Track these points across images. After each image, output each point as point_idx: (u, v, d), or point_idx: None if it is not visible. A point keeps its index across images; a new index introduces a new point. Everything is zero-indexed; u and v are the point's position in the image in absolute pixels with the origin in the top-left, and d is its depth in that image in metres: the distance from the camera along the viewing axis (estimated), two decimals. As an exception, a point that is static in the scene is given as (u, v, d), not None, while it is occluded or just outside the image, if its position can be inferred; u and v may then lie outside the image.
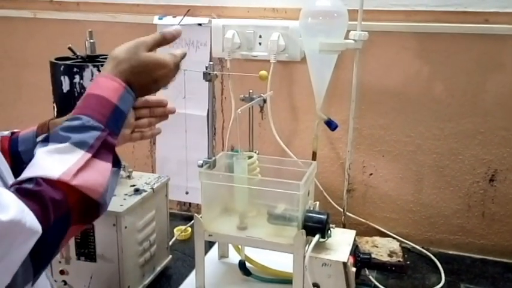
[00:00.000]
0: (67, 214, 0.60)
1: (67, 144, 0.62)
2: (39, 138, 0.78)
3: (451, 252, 1.32)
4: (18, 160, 0.78)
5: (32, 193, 0.57)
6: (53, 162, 0.60)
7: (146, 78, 0.74)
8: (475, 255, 1.31)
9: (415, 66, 1.26)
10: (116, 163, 0.68)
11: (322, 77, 1.23)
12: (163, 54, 0.77)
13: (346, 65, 1.26)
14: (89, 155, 0.62)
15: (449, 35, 1.21)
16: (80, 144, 0.62)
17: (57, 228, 0.59)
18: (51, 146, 0.62)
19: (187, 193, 1.18)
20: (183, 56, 0.80)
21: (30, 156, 0.70)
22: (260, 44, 1.34)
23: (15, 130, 0.82)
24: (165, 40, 0.77)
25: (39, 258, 0.57)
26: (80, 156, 0.62)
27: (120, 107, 0.69)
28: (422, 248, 1.32)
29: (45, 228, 0.56)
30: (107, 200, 0.65)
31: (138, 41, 0.74)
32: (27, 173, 0.60)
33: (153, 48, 0.76)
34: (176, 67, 0.78)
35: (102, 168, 0.64)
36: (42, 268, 0.59)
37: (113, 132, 0.67)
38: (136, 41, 0.74)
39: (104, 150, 0.65)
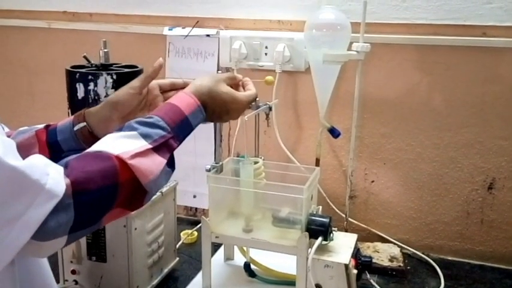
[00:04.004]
0: (114, 187, 0.64)
1: (135, 132, 0.70)
2: (76, 127, 0.83)
3: (450, 258, 1.35)
4: (58, 149, 0.82)
5: (87, 153, 0.65)
6: (117, 143, 0.68)
7: (220, 107, 0.83)
8: (474, 261, 1.34)
9: (416, 77, 1.30)
10: (171, 165, 0.74)
11: (326, 87, 1.27)
12: (240, 92, 0.88)
13: (349, 76, 1.30)
14: (150, 146, 0.69)
15: (449, 48, 1.25)
16: (145, 136, 0.70)
17: (102, 197, 0.64)
18: (121, 133, 0.70)
19: (194, 196, 1.22)
20: (255, 97, 0.90)
21: (69, 145, 0.79)
22: (266, 54, 1.38)
23: (50, 123, 0.86)
24: (235, 79, 0.89)
25: (81, 220, 0.61)
26: (142, 144, 0.69)
27: (190, 119, 0.77)
28: (423, 253, 1.35)
29: (88, 186, 0.61)
30: (153, 190, 0.70)
31: (219, 75, 0.87)
32: (91, 148, 0.67)
33: (228, 83, 0.86)
34: (247, 104, 0.89)
35: (158, 161, 0.70)
36: (80, 228, 0.62)
37: (176, 137, 0.74)
38: (217, 75, 0.87)
39: (164, 148, 0.71)
